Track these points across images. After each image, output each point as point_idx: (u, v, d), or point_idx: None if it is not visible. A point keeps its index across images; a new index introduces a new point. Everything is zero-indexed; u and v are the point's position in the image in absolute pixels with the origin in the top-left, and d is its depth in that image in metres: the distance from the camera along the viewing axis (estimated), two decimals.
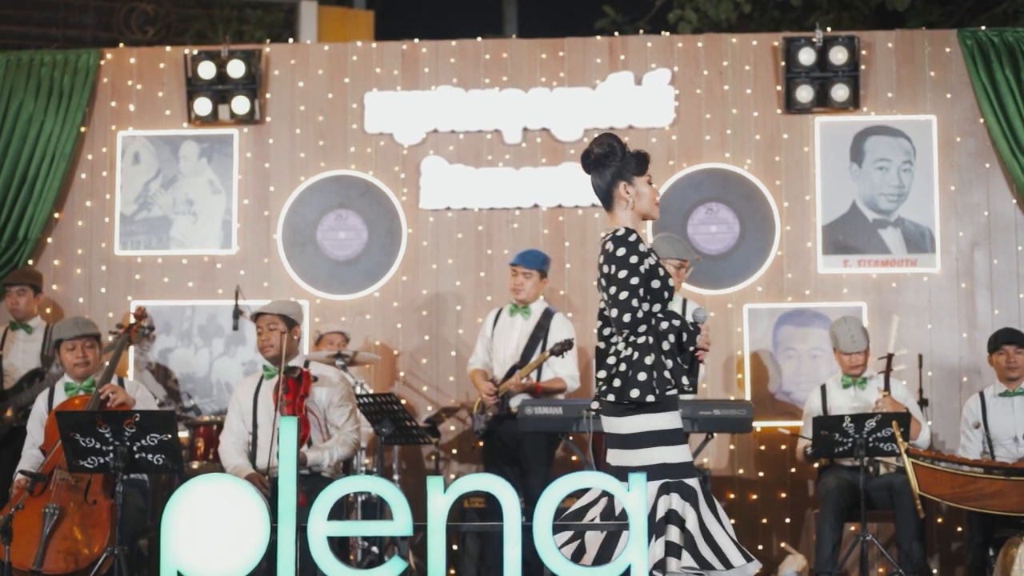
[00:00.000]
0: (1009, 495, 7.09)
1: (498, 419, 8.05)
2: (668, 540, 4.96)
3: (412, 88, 9.66)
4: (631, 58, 9.61)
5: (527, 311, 8.27)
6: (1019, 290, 9.29)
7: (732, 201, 9.46)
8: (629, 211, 5.31)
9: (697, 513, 5.09)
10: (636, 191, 5.30)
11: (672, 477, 5.10)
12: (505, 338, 8.27)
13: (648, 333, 5.12)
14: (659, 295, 5.20)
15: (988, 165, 9.40)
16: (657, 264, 5.23)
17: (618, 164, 5.28)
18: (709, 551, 5.02)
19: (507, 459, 8.01)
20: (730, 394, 9.25)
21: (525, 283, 8.23)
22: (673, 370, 5.10)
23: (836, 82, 9.33)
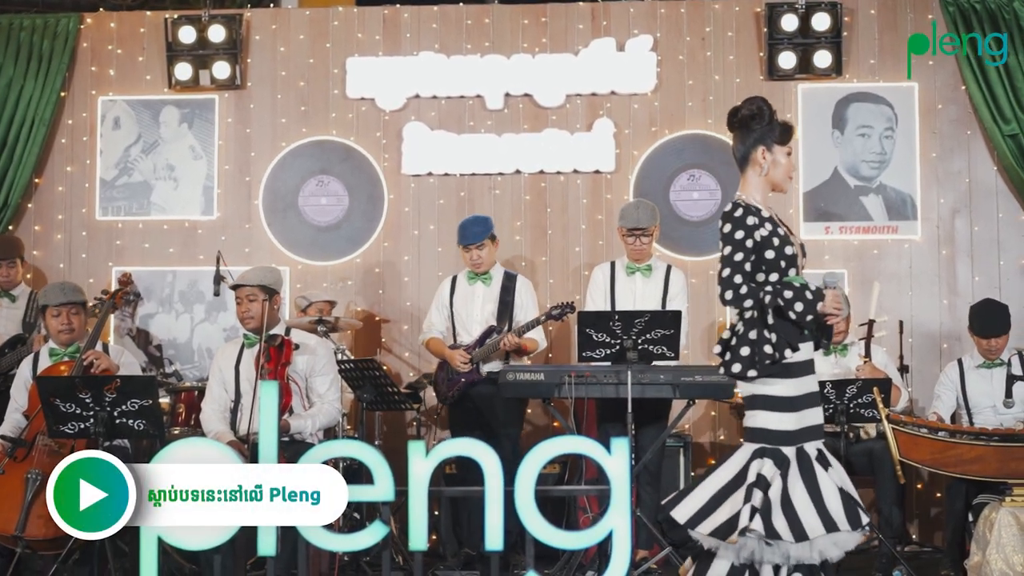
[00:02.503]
0: (988, 461, 7.12)
1: (470, 383, 8.03)
2: (753, 505, 4.98)
3: (394, 53, 9.62)
4: (613, 24, 9.58)
5: (488, 276, 8.23)
6: (999, 257, 9.32)
7: (714, 168, 9.46)
8: (761, 177, 5.32)
9: (784, 482, 5.08)
10: (773, 159, 5.30)
11: (769, 443, 5.12)
12: (469, 306, 8.23)
13: (754, 308, 5.14)
14: (775, 265, 5.18)
15: (969, 132, 9.41)
16: (772, 233, 5.20)
17: (762, 128, 5.29)
18: (783, 521, 5.00)
19: (476, 424, 7.98)
20: (712, 360, 9.25)
21: (481, 255, 8.18)
22: (777, 343, 5.09)
23: (818, 49, 9.32)
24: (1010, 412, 7.68)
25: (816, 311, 5.12)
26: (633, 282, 8.03)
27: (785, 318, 5.11)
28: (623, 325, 7.16)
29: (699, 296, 9.17)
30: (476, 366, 8.02)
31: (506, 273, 8.31)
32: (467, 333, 8.18)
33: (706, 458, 9.21)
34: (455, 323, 8.25)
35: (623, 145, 9.47)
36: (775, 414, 5.13)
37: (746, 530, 4.93)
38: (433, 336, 8.30)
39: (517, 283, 8.25)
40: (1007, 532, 7.01)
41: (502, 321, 8.11)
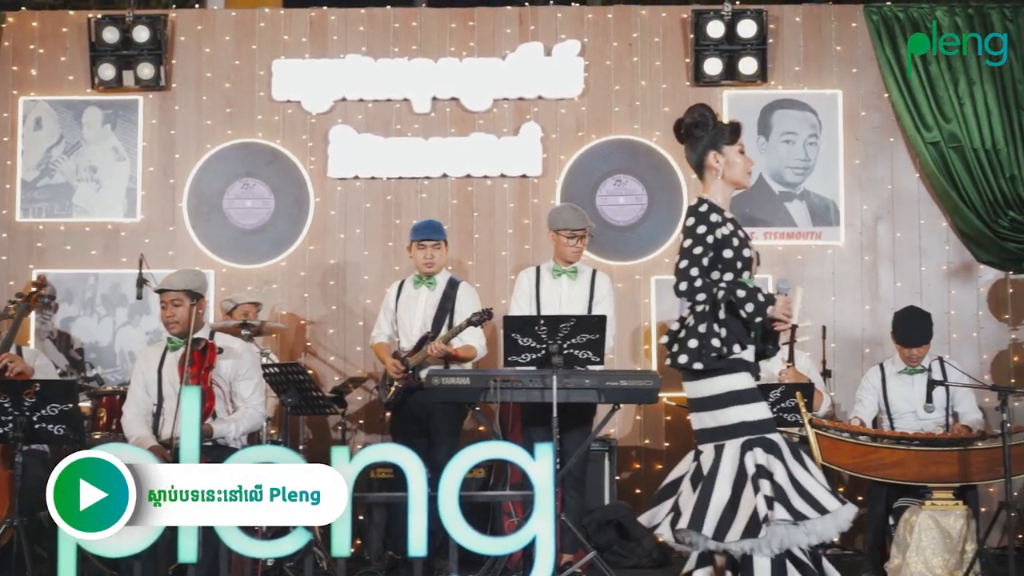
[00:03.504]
0: (909, 465, 7.21)
1: (408, 390, 8.01)
2: (765, 495, 5.00)
3: (320, 56, 9.57)
4: (541, 29, 9.60)
5: (432, 282, 8.23)
6: (921, 263, 9.43)
7: (640, 173, 9.49)
8: (719, 180, 5.37)
9: (784, 465, 5.12)
10: (727, 160, 5.35)
11: (752, 434, 5.15)
12: (411, 310, 8.22)
13: (707, 302, 5.18)
14: (731, 264, 5.23)
15: (892, 139, 9.52)
16: (732, 233, 5.26)
17: (709, 134, 5.34)
18: (801, 501, 5.04)
19: (416, 430, 7.98)
20: (637, 364, 9.30)
21: (435, 254, 8.19)
22: (726, 338, 5.13)
23: (744, 55, 9.39)
24: (930, 417, 7.77)
25: (766, 314, 5.17)
26: (559, 286, 8.03)
27: (736, 316, 5.15)
28: (548, 330, 7.15)
29: (625, 301, 9.20)
30: (412, 373, 8.00)
31: (451, 279, 8.29)
32: (407, 338, 8.16)
33: (631, 462, 9.24)
34: (398, 328, 8.24)
35: (550, 150, 9.48)
36: (749, 406, 5.18)
37: (767, 519, 4.96)
38: (380, 342, 8.28)
39: (459, 290, 8.23)
40: (927, 535, 7.09)
41: (438, 328, 8.09)
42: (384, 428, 8.98)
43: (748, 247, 5.30)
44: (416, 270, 8.23)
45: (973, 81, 9.35)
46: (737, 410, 5.17)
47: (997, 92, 9.35)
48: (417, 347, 8.05)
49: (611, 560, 7.92)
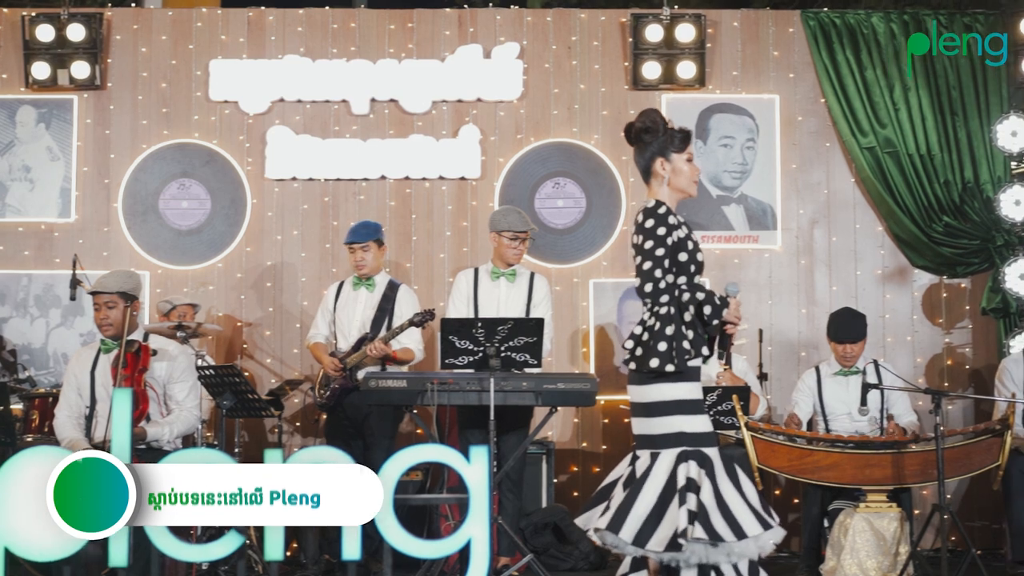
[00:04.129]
0: (844, 467, 7.26)
1: (344, 391, 7.98)
2: (689, 509, 4.99)
3: (258, 56, 9.52)
4: (480, 31, 9.59)
5: (371, 283, 8.21)
6: (856, 267, 9.51)
7: (579, 176, 9.51)
8: (665, 187, 5.34)
9: (713, 483, 5.09)
10: (673, 168, 5.33)
11: (690, 446, 5.13)
12: (350, 311, 8.19)
13: (670, 304, 5.16)
14: (686, 267, 5.23)
15: (828, 144, 9.59)
16: (687, 237, 5.25)
17: (658, 140, 5.32)
18: (722, 522, 5.02)
19: (352, 432, 7.95)
20: (575, 367, 9.31)
21: (365, 257, 8.16)
22: (693, 341, 5.14)
23: (682, 59, 9.43)
24: (865, 420, 7.82)
25: (721, 317, 5.17)
26: (497, 288, 8.02)
27: (699, 319, 5.16)
28: (486, 332, 7.14)
29: (563, 304, 9.21)
30: (349, 374, 7.96)
31: (390, 281, 8.27)
32: (345, 339, 8.13)
33: (568, 465, 9.25)
34: (336, 328, 8.20)
35: (489, 152, 9.47)
36: (690, 417, 5.17)
37: (685, 533, 4.95)
38: (317, 342, 8.24)
39: (399, 292, 8.21)
40: (861, 537, 7.15)
41: (376, 329, 8.06)
42: (320, 430, 8.93)
43: (701, 251, 5.32)
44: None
45: (908, 87, 9.45)
46: (678, 420, 5.16)
47: (932, 98, 9.45)
48: (355, 348, 8.02)
49: (548, 563, 7.93)
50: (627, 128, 5.45)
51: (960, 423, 9.18)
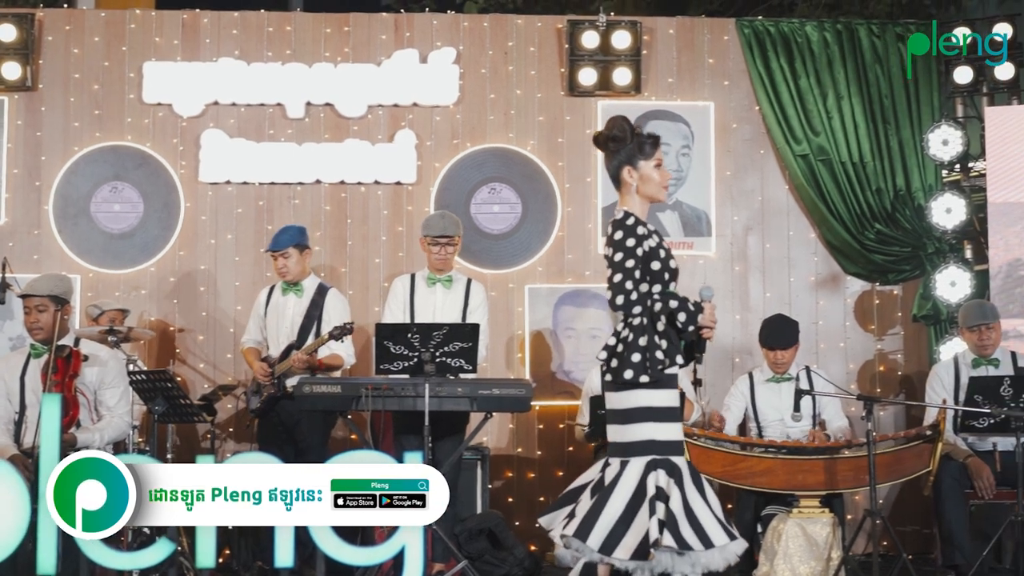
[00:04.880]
0: (777, 473, 7.30)
1: (274, 398, 7.94)
2: (659, 518, 4.99)
3: (192, 59, 9.44)
4: (416, 35, 9.57)
5: (299, 288, 8.17)
6: (790, 274, 9.58)
7: (515, 181, 9.51)
8: (634, 195, 5.36)
9: (682, 492, 5.10)
10: (641, 175, 5.35)
11: (659, 454, 5.13)
12: (279, 316, 8.15)
13: (643, 314, 5.17)
14: (659, 276, 5.25)
15: (762, 152, 9.66)
16: (658, 246, 5.27)
17: (626, 148, 5.33)
18: (691, 531, 5.03)
19: (284, 438, 7.90)
20: (511, 373, 9.31)
21: (287, 264, 8.11)
22: (668, 350, 5.14)
23: (618, 66, 9.46)
24: (797, 426, 7.87)
25: (697, 323, 5.19)
26: (433, 294, 8.02)
27: (673, 327, 5.16)
28: (421, 338, 7.13)
29: (498, 309, 9.21)
30: (278, 381, 7.92)
31: (319, 286, 8.23)
32: (275, 345, 8.09)
33: (504, 470, 9.24)
34: (267, 334, 8.15)
35: (425, 157, 9.45)
36: (663, 424, 5.17)
37: (657, 543, 4.95)
38: (249, 347, 8.19)
39: (327, 297, 8.17)
40: (794, 543, 7.19)
41: (304, 336, 8.03)
42: (253, 436, 8.86)
43: (673, 258, 5.33)
44: None
45: (841, 96, 9.53)
46: (650, 427, 5.17)
47: (865, 107, 9.54)
48: (283, 355, 7.98)
49: (483, 569, 7.91)
50: (595, 136, 5.48)
51: (892, 429, 9.25)
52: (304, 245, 8.19)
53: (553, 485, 9.23)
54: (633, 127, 5.39)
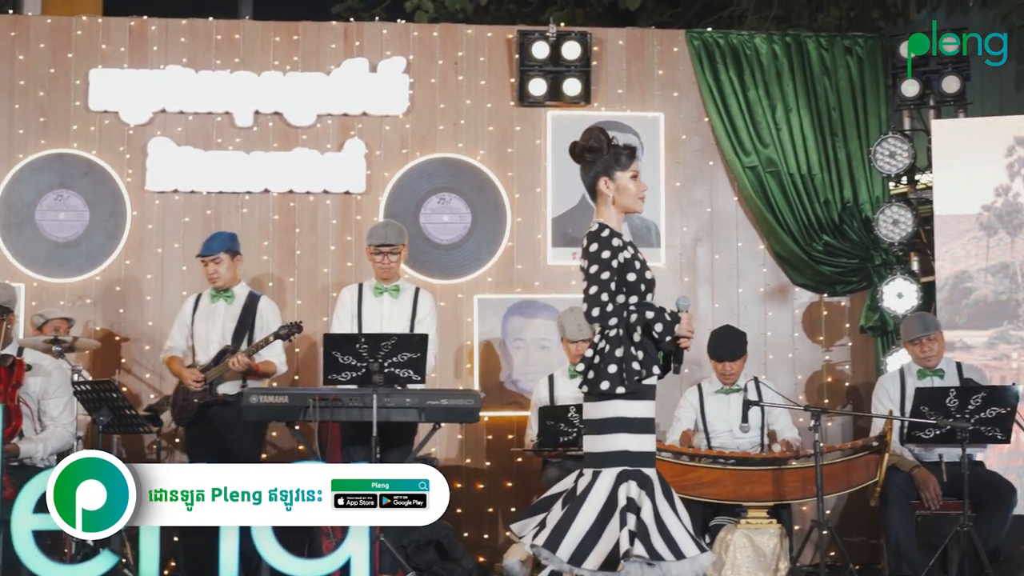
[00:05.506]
0: (725, 484, 7.32)
1: (206, 405, 7.87)
2: (630, 529, 4.98)
3: (140, 66, 9.36)
4: (366, 44, 9.54)
5: (230, 295, 8.11)
6: (739, 285, 9.61)
7: (464, 191, 9.49)
8: (610, 206, 5.37)
9: (653, 503, 5.09)
10: (617, 186, 5.35)
11: (631, 465, 5.13)
12: (209, 323, 8.08)
13: (619, 326, 5.17)
14: (635, 287, 5.25)
15: (712, 163, 9.69)
16: (633, 257, 5.28)
17: (602, 159, 5.33)
18: (662, 541, 5.02)
19: (215, 447, 7.81)
20: (460, 383, 9.28)
21: (218, 269, 8.06)
22: (644, 360, 5.13)
23: (568, 77, 9.46)
24: (746, 437, 7.90)
25: (674, 333, 5.19)
26: (381, 304, 7.99)
27: (649, 338, 5.15)
28: (369, 348, 7.11)
29: (447, 319, 9.18)
30: (210, 387, 7.85)
31: (250, 293, 8.18)
32: (205, 352, 8.01)
33: (452, 481, 9.17)
34: (195, 341, 8.08)
35: (374, 166, 9.42)
36: (636, 436, 5.17)
37: (628, 554, 4.94)
38: (173, 355, 8.11)
39: (260, 303, 8.12)
40: (742, 554, 7.20)
41: (239, 341, 7.97)
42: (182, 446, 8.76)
43: (649, 269, 5.33)
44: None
45: (790, 108, 9.58)
46: (623, 438, 5.17)
47: (813, 119, 9.59)
48: (216, 360, 7.92)
49: None
50: (571, 147, 5.48)
51: (839, 440, 9.29)
52: (235, 251, 8.15)
53: (502, 496, 9.23)
54: (609, 138, 5.40)
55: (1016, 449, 8.30)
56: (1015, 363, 8.85)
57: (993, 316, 8.95)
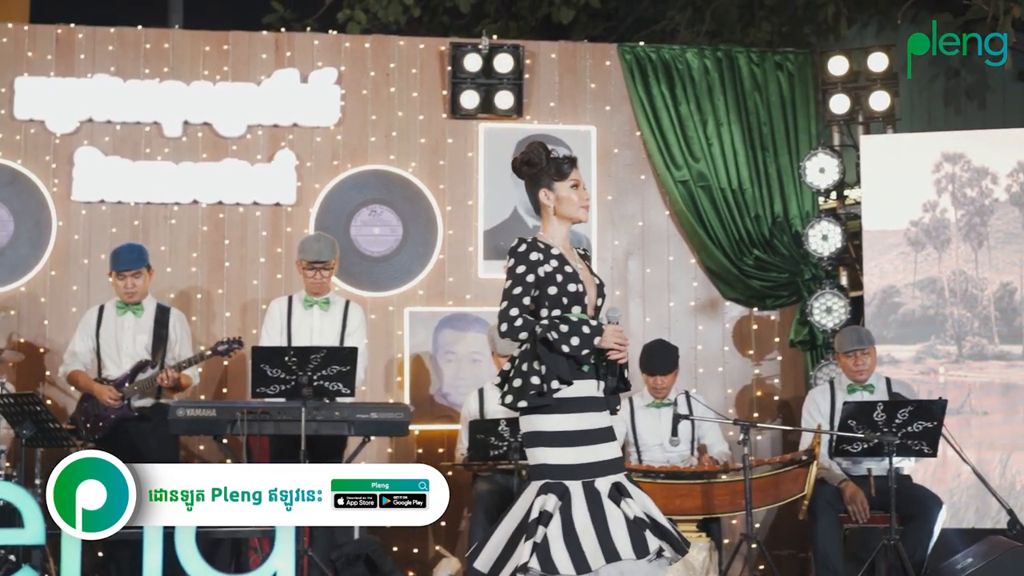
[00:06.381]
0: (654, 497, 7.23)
1: (120, 420, 7.78)
2: (534, 542, 4.93)
3: (67, 75, 9.24)
4: (297, 55, 9.48)
5: (139, 307, 8.03)
6: (670, 299, 9.63)
7: (396, 204, 9.44)
8: (552, 217, 5.35)
9: (568, 515, 5.03)
10: (556, 196, 5.32)
11: (553, 478, 5.08)
12: (118, 336, 7.99)
13: (529, 340, 5.14)
14: (556, 301, 5.20)
15: (643, 177, 9.71)
16: (557, 270, 5.22)
17: (539, 171, 5.32)
18: (565, 555, 4.95)
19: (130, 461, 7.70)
20: (390, 396, 9.23)
21: (137, 283, 7.99)
22: (545, 375, 5.09)
23: (500, 89, 9.45)
24: (676, 450, 7.91)
25: (593, 345, 5.14)
26: (311, 316, 7.95)
27: (557, 351, 5.11)
28: (298, 361, 7.06)
29: (379, 332, 9.13)
30: (127, 402, 7.78)
31: (159, 305, 8.11)
32: (116, 366, 7.92)
33: None
34: (101, 355, 7.98)
35: (304, 178, 9.35)
36: (553, 449, 5.13)
37: (525, 567, 4.91)
38: (77, 368, 8.00)
39: (171, 316, 8.07)
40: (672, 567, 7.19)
41: (156, 355, 7.89)
42: None
43: (578, 281, 5.27)
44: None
45: (721, 123, 9.63)
46: (541, 451, 5.15)
47: (744, 134, 9.64)
48: (132, 375, 7.83)
49: None
50: (512, 162, 5.48)
51: (769, 453, 9.34)
52: (150, 265, 8.10)
53: None
54: (548, 151, 5.39)
55: (943, 463, 8.36)
56: (942, 377, 8.93)
57: (920, 331, 9.03)
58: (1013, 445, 8.74)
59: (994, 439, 8.76)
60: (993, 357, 8.92)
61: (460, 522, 9.13)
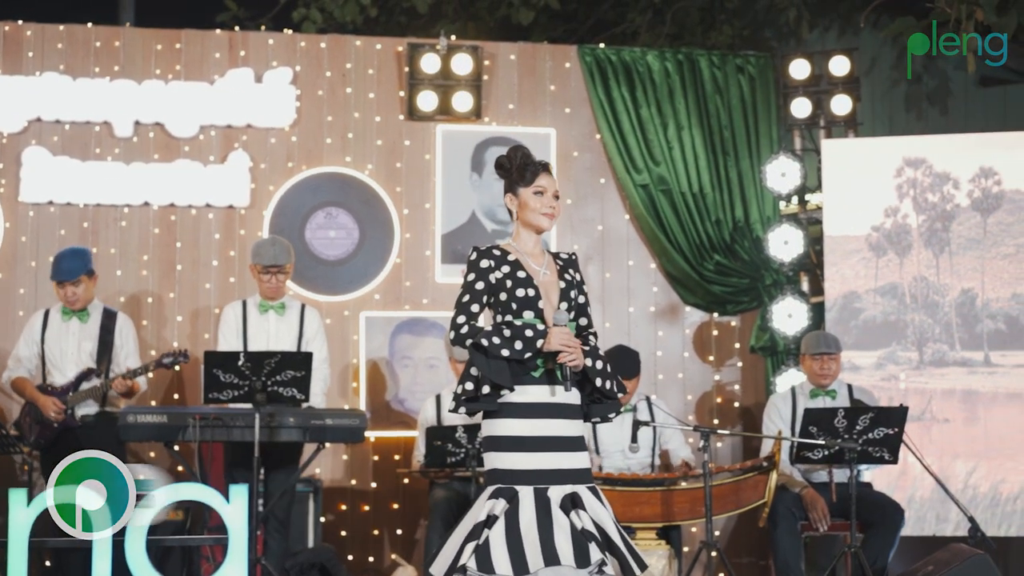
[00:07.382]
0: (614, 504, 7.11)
1: (66, 429, 7.63)
2: (477, 543, 4.88)
3: (14, 73, 9.07)
4: (252, 54, 9.33)
5: (84, 313, 7.87)
6: (630, 304, 9.54)
7: (352, 206, 9.31)
8: (516, 223, 5.29)
9: (514, 519, 4.94)
10: (519, 202, 5.23)
11: (504, 483, 5.02)
12: (63, 343, 7.82)
13: (473, 347, 5.07)
14: (507, 307, 5.14)
15: (603, 180, 9.62)
16: (508, 276, 5.14)
17: (508, 176, 5.24)
18: (505, 557, 4.87)
19: None
20: (345, 403, 9.10)
21: (77, 292, 7.82)
22: (478, 380, 5.03)
23: (459, 91, 9.33)
24: (636, 457, 7.82)
25: (536, 349, 5.03)
26: (266, 321, 7.82)
27: (495, 356, 5.01)
28: (252, 366, 6.93)
29: (334, 337, 8.98)
30: (71, 411, 7.62)
31: (105, 310, 7.95)
32: (60, 373, 7.76)
33: (337, 503, 9.02)
34: (46, 361, 7.81)
35: (259, 180, 9.21)
36: (503, 454, 5.06)
37: (464, 568, 4.86)
38: (21, 374, 7.82)
39: (118, 321, 7.91)
40: None
41: (102, 362, 7.74)
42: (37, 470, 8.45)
43: (531, 286, 5.16)
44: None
45: (682, 126, 9.55)
46: (491, 456, 5.10)
47: (705, 137, 9.57)
48: (77, 383, 7.68)
49: None
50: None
51: (729, 460, 9.28)
52: (93, 270, 7.91)
53: (388, 518, 9.07)
54: (523, 154, 5.28)
55: (904, 470, 8.32)
56: (903, 384, 8.89)
57: (881, 337, 8.98)
58: (974, 452, 8.70)
59: (955, 446, 8.73)
60: (954, 363, 8.89)
61: (417, 530, 9.02)
